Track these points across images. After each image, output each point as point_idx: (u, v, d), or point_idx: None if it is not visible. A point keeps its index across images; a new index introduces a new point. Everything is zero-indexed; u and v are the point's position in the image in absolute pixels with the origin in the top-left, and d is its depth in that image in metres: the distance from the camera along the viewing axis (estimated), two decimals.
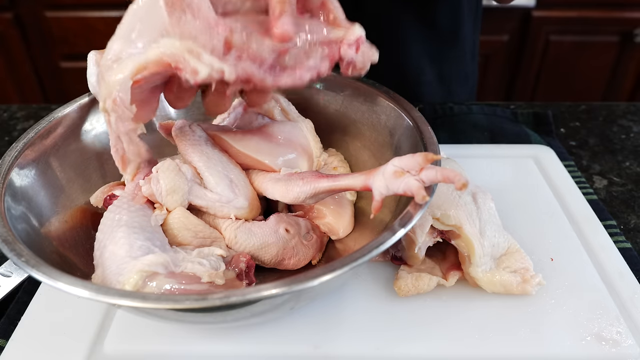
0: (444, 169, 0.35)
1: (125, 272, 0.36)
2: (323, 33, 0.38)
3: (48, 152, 0.45)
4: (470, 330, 0.41)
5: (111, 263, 0.37)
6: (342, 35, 0.38)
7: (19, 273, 0.46)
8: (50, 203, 0.43)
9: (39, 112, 0.74)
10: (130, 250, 0.37)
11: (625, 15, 1.38)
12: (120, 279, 0.35)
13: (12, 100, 1.54)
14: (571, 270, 0.46)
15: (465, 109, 0.71)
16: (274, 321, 0.42)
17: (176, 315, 0.36)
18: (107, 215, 0.40)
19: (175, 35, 0.35)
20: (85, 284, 0.31)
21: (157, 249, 0.38)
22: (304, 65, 0.37)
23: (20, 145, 0.42)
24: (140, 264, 0.36)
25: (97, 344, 0.40)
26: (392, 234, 0.34)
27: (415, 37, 0.74)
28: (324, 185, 0.41)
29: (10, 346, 0.40)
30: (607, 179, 0.61)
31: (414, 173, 0.36)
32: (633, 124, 0.71)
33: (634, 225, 0.54)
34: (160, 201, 0.42)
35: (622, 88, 1.50)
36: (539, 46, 1.44)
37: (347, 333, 0.41)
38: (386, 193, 0.37)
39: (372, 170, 0.38)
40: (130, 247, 0.37)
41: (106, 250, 0.38)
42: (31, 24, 1.42)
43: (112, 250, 0.37)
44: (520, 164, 0.59)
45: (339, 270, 0.31)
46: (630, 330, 0.40)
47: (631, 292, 0.43)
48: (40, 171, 0.43)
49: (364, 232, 0.47)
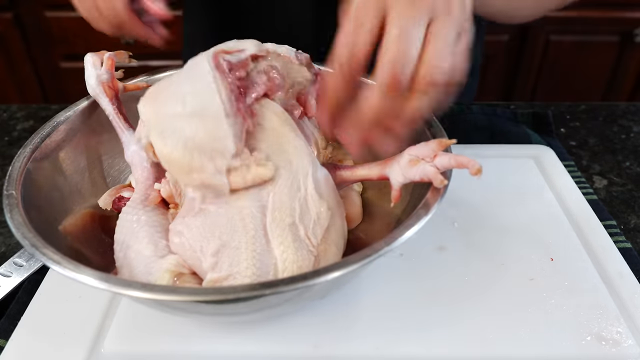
0: (457, 156, 0.36)
1: (154, 271, 0.36)
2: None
3: (54, 156, 0.45)
4: (470, 330, 0.41)
5: (138, 263, 0.37)
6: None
7: (19, 273, 0.46)
8: (59, 207, 0.43)
9: (39, 112, 0.74)
10: (156, 249, 0.38)
11: (625, 15, 1.38)
12: (151, 278, 0.36)
13: (12, 100, 1.53)
14: (571, 270, 0.46)
15: (465, 109, 0.71)
16: (275, 320, 0.42)
17: (208, 309, 0.36)
18: (124, 217, 0.41)
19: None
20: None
21: None
22: None
23: (28, 151, 0.43)
24: (167, 263, 0.36)
25: (97, 344, 0.40)
26: (418, 220, 0.35)
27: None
28: (344, 175, 0.42)
29: (10, 346, 0.40)
30: (607, 179, 0.61)
31: (429, 160, 0.37)
32: (633, 124, 0.71)
33: (634, 225, 0.54)
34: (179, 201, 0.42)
35: (622, 88, 1.50)
36: (539, 46, 1.43)
37: (347, 333, 0.41)
38: (403, 181, 0.38)
39: (387, 160, 0.40)
40: (155, 247, 0.38)
41: (130, 250, 0.38)
42: (31, 24, 1.42)
43: (138, 250, 0.38)
44: (520, 164, 0.59)
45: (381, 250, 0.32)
46: (630, 330, 0.40)
47: (631, 292, 0.43)
48: (49, 175, 0.44)
49: (373, 222, 0.48)
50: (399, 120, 0.35)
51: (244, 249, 0.36)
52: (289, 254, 0.36)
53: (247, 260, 0.36)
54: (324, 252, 0.38)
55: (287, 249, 0.36)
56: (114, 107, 0.47)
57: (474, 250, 0.48)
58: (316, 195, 0.38)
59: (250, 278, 0.35)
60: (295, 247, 0.36)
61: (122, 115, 0.46)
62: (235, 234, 0.36)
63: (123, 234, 0.40)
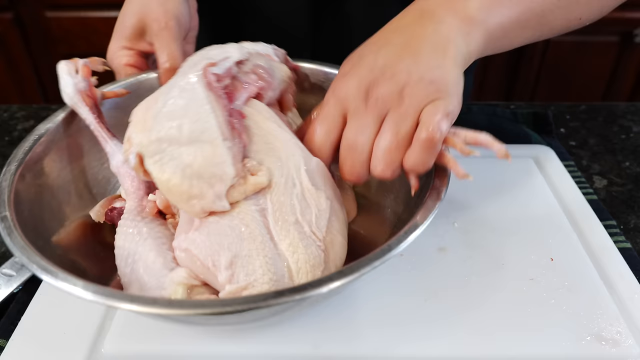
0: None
1: (166, 285, 0.36)
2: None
3: (39, 170, 0.43)
4: (470, 330, 0.41)
5: (150, 278, 0.37)
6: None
7: (21, 274, 0.46)
8: (50, 217, 0.43)
9: (39, 112, 0.74)
10: (165, 262, 0.37)
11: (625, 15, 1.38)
12: (164, 293, 0.35)
13: (12, 100, 1.53)
14: (571, 270, 0.46)
15: (465, 109, 0.71)
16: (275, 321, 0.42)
17: (214, 320, 0.37)
18: (124, 230, 0.40)
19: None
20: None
21: None
22: None
23: (13, 168, 0.41)
24: (179, 276, 0.36)
25: (97, 344, 0.40)
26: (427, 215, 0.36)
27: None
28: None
29: (10, 346, 0.40)
30: (607, 179, 0.61)
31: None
32: (633, 124, 0.71)
33: (634, 225, 0.54)
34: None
35: (622, 88, 1.50)
36: (539, 46, 1.43)
37: (346, 333, 0.41)
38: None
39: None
40: (164, 260, 0.37)
41: (138, 265, 0.37)
42: (31, 24, 1.42)
43: (146, 264, 0.37)
44: (520, 164, 0.59)
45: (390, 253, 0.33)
46: (630, 330, 0.40)
47: (631, 292, 0.43)
48: (36, 191, 0.42)
49: (369, 217, 0.47)
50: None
51: (256, 256, 0.36)
52: (299, 255, 0.36)
53: (262, 267, 0.35)
54: (331, 244, 0.38)
55: (297, 249, 0.36)
56: (94, 116, 0.45)
57: (474, 250, 0.48)
58: (312, 187, 0.38)
59: (268, 284, 0.35)
60: (303, 245, 0.36)
61: (103, 124, 0.45)
62: (244, 242, 0.36)
63: (126, 248, 0.39)
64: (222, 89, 0.39)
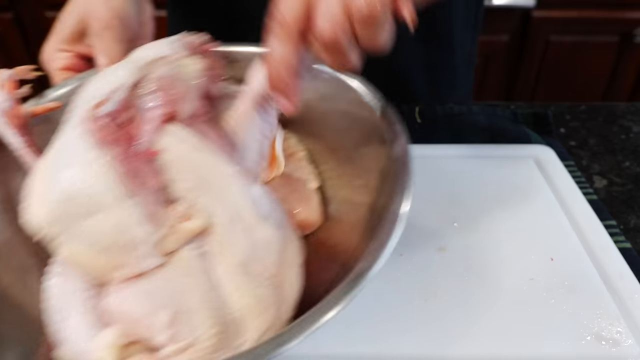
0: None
1: (95, 349, 0.32)
2: None
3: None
4: (470, 330, 0.41)
5: (77, 338, 0.33)
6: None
7: None
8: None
9: None
10: (95, 320, 0.33)
11: (625, 15, 1.38)
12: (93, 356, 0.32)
13: None
14: (571, 270, 0.46)
15: (465, 109, 0.71)
16: None
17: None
18: (49, 283, 0.35)
19: None
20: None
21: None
22: None
23: None
24: (111, 336, 0.32)
25: None
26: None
27: (405, 41, 0.74)
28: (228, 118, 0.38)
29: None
30: (607, 179, 0.61)
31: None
32: (633, 124, 0.71)
33: (634, 225, 0.54)
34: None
35: (622, 88, 1.50)
36: (539, 46, 1.44)
37: (346, 333, 0.41)
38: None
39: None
40: (93, 316, 0.33)
41: (66, 324, 0.33)
42: (31, 24, 1.42)
43: (74, 323, 0.33)
44: (520, 164, 0.59)
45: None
46: (631, 330, 0.40)
47: (631, 292, 0.43)
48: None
49: (338, 221, 0.44)
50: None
51: (199, 310, 0.32)
52: (248, 299, 0.33)
53: (206, 321, 0.32)
54: (285, 278, 0.34)
55: (245, 294, 0.33)
56: (23, 139, 0.37)
57: (474, 250, 0.48)
58: (259, 218, 0.34)
59: (216, 337, 0.32)
60: (252, 287, 0.33)
61: (34, 149, 0.38)
62: (184, 295, 0.32)
63: (52, 307, 0.34)
64: (115, 132, 0.33)
